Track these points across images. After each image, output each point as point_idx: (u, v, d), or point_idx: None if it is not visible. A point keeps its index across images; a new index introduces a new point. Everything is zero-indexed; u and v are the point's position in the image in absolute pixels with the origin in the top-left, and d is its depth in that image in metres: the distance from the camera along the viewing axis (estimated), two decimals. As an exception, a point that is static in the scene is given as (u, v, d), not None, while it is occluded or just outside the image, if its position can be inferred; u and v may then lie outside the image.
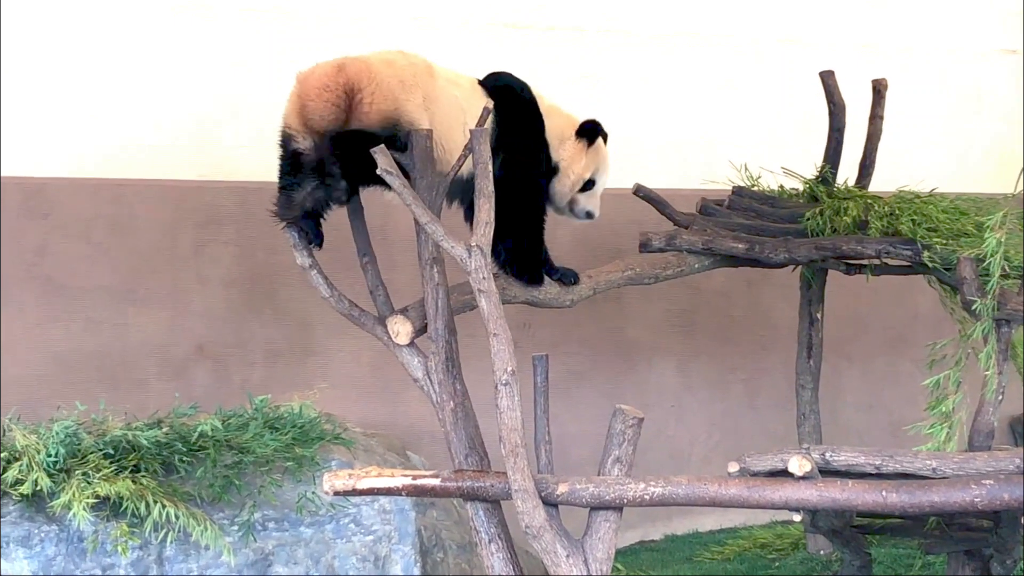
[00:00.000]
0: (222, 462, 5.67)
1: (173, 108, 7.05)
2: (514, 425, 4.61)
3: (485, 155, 4.74)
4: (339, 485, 4.79)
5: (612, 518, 4.71)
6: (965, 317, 5.59)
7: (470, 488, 4.80)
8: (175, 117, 7.04)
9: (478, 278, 4.65)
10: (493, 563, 4.85)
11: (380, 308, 5.20)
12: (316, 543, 5.78)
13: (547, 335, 7.21)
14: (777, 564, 6.95)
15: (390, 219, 6.33)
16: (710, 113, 8.14)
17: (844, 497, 4.52)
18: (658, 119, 8.04)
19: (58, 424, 5.54)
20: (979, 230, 5.68)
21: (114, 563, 5.54)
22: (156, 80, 7.02)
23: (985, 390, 5.24)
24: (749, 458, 4.71)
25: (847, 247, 6.09)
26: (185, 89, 7.07)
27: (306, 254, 5.21)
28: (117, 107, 6.96)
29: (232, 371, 7.03)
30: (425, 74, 5.24)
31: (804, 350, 6.91)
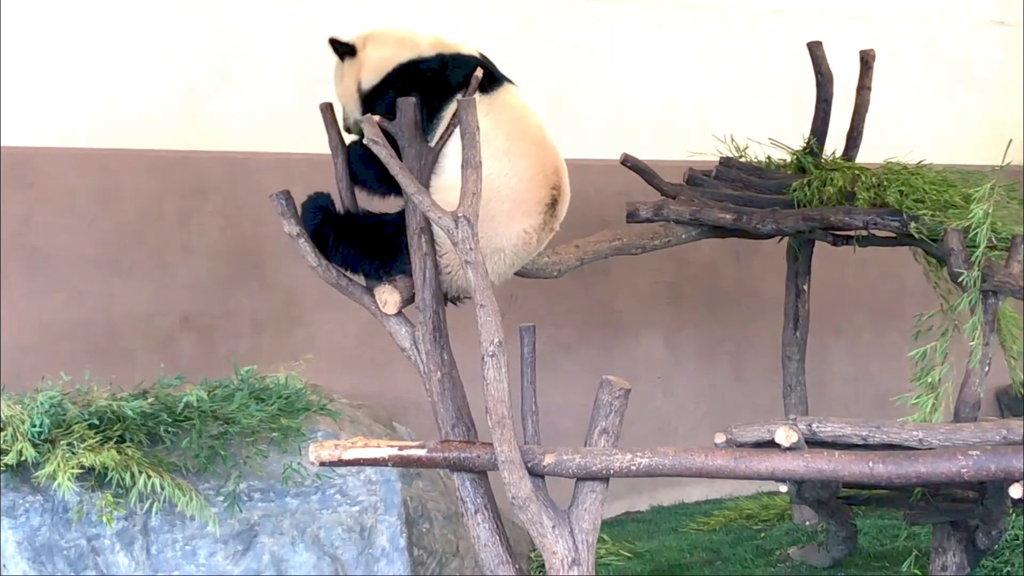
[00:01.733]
0: (207, 433, 5.65)
1: (160, 78, 7.01)
2: (501, 396, 4.60)
3: (472, 124, 4.71)
4: (325, 456, 4.78)
5: (598, 489, 4.70)
6: (951, 288, 5.59)
7: (456, 459, 4.80)
8: (162, 87, 7.01)
9: (465, 248, 4.63)
10: (479, 533, 4.85)
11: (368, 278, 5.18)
12: (302, 514, 5.78)
13: (534, 307, 7.20)
14: (763, 535, 6.97)
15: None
16: (698, 83, 8.12)
17: (831, 468, 4.52)
18: (646, 89, 8.03)
19: (43, 394, 5.52)
20: (966, 201, 5.68)
21: (99, 533, 5.54)
22: (143, 49, 6.98)
23: (971, 361, 5.24)
24: (736, 429, 4.71)
25: (834, 218, 6.08)
26: (172, 59, 7.03)
27: (293, 222, 5.18)
28: (103, 76, 6.92)
29: (218, 342, 7.02)
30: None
31: (791, 322, 6.91)
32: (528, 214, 5.07)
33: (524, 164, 5.08)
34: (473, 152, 4.71)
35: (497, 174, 4.99)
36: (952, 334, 5.36)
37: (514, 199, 5.02)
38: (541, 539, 4.67)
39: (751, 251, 7.63)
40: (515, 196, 5.03)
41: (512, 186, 5.02)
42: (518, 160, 5.07)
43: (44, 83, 6.83)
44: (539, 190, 5.09)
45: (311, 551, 5.77)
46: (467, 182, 4.69)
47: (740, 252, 7.79)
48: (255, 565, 5.70)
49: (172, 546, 5.62)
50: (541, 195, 5.08)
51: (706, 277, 7.99)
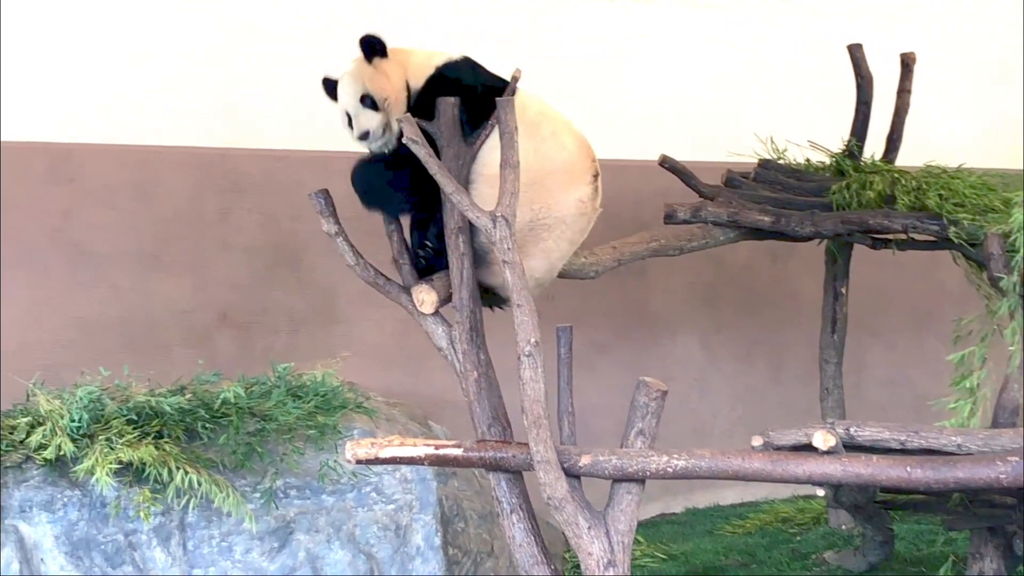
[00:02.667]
0: (245, 429, 5.67)
1: (199, 75, 7.04)
2: (537, 396, 4.59)
3: (511, 124, 4.71)
4: (361, 454, 4.79)
5: (634, 490, 4.70)
6: (991, 293, 5.56)
7: (492, 458, 4.79)
8: (201, 84, 7.04)
9: (503, 248, 4.63)
10: (514, 533, 4.85)
11: (405, 277, 5.18)
12: (337, 511, 5.79)
13: (571, 307, 7.19)
14: (799, 538, 6.94)
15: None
16: (737, 84, 8.10)
17: (868, 472, 4.50)
18: (684, 90, 8.01)
19: (82, 389, 5.56)
20: (1006, 206, 5.66)
21: (136, 528, 5.56)
22: (183, 46, 7.01)
23: (1010, 366, 5.21)
24: (773, 432, 4.69)
25: (873, 221, 6.06)
26: (211, 56, 7.06)
27: (332, 220, 5.19)
28: (144, 73, 6.95)
29: (255, 339, 7.04)
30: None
31: (828, 324, 6.89)
32: (580, 183, 5.19)
33: (569, 139, 5.21)
34: (511, 152, 4.71)
35: (548, 151, 5.06)
36: (991, 338, 5.33)
37: (566, 170, 5.13)
38: (577, 540, 4.67)
39: (788, 253, 7.61)
40: (566, 167, 5.14)
41: (563, 159, 5.14)
42: (563, 137, 5.19)
43: (84, 79, 6.87)
44: (585, 161, 5.22)
45: (346, 549, 5.79)
46: (505, 181, 4.69)
47: (777, 254, 7.77)
48: (291, 562, 5.71)
49: (208, 542, 5.64)
50: (587, 165, 5.23)
51: (743, 279, 7.97)
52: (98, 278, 6.82)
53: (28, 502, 5.48)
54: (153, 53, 6.96)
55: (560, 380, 4.81)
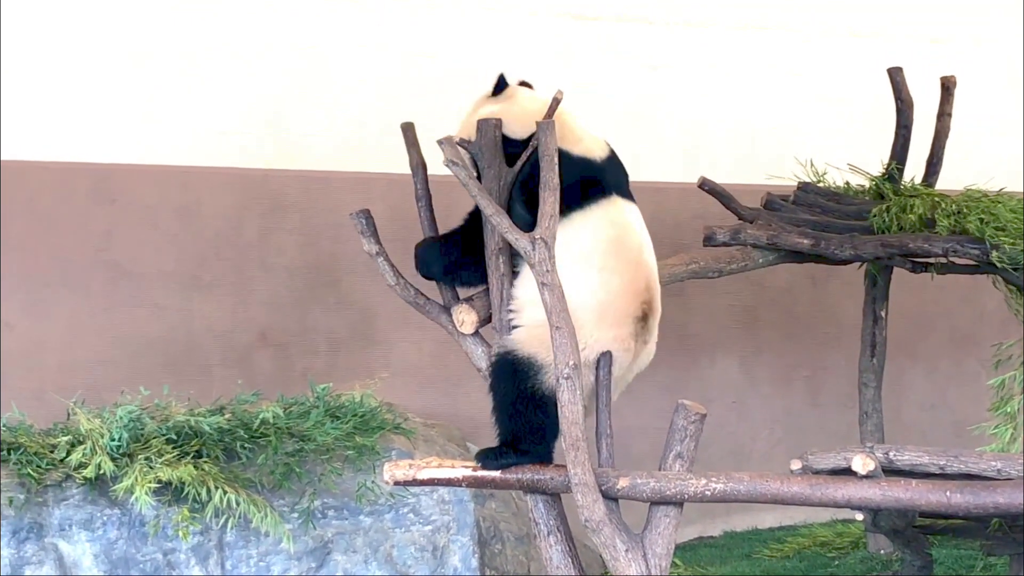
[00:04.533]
0: (283, 449, 5.70)
1: (241, 95, 7.08)
2: (575, 419, 4.58)
3: (551, 147, 4.72)
4: (399, 475, 4.79)
5: (672, 513, 4.68)
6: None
7: (530, 480, 4.79)
8: (243, 105, 7.08)
9: (542, 271, 4.62)
10: (551, 555, 4.84)
11: (445, 297, 5.18)
12: (375, 532, 5.80)
13: (609, 328, 7.17)
14: (837, 563, 6.91)
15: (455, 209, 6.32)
16: (777, 107, 8.09)
17: (908, 497, 4.47)
18: (724, 112, 8.01)
19: (122, 409, 5.59)
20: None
21: (175, 547, 5.59)
22: (224, 67, 7.06)
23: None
24: (812, 456, 4.68)
25: (914, 245, 6.04)
26: (253, 76, 7.10)
27: (373, 241, 5.19)
28: (185, 94, 7.00)
29: (294, 359, 7.06)
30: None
31: (868, 348, 6.87)
32: (616, 324, 4.91)
33: (616, 280, 4.93)
34: (551, 175, 4.71)
35: (586, 287, 4.90)
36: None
37: (599, 311, 4.91)
38: (614, 562, 4.66)
39: (828, 276, 7.58)
40: (600, 308, 4.92)
41: (599, 299, 4.91)
42: (611, 276, 4.96)
43: (127, 100, 6.92)
44: (628, 304, 4.93)
45: (384, 569, 5.79)
46: (545, 204, 4.69)
47: (817, 277, 7.74)
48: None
49: (247, 561, 5.66)
50: (631, 309, 4.93)
51: (782, 301, 7.95)
52: (139, 298, 6.86)
53: (68, 520, 5.51)
54: (196, 73, 7.01)
55: (599, 402, 4.80)
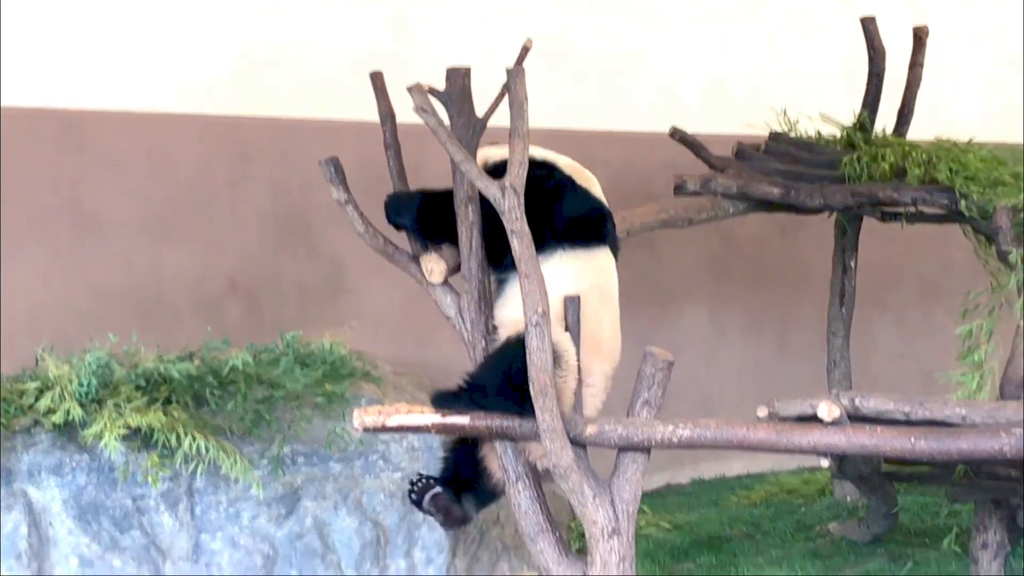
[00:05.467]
0: (253, 397, 5.70)
1: (210, 42, 7.04)
2: (543, 365, 4.59)
3: (520, 95, 4.71)
4: (369, 421, 4.80)
5: (640, 460, 4.71)
6: (1000, 267, 5.57)
7: (499, 427, 4.80)
8: (211, 51, 7.04)
9: (511, 218, 4.62)
10: (520, 502, 4.87)
11: (414, 246, 5.19)
12: (345, 479, 5.82)
13: (579, 278, 7.19)
14: (803, 509, 6.97)
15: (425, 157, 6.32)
16: (749, 57, 8.08)
17: (872, 443, 4.51)
18: (697, 62, 7.99)
19: (91, 355, 5.58)
20: (1016, 180, 5.66)
21: (144, 493, 5.60)
22: (194, 14, 7.01)
23: (1017, 340, 5.21)
24: (778, 403, 4.70)
25: (883, 194, 6.06)
26: (222, 23, 7.06)
27: (342, 189, 5.18)
28: (155, 41, 6.96)
29: (264, 307, 7.06)
30: None
31: (836, 297, 6.91)
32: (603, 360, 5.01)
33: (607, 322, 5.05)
34: (520, 122, 4.70)
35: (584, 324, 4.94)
36: (999, 313, 5.33)
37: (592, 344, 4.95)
38: (582, 508, 4.68)
39: (797, 226, 7.60)
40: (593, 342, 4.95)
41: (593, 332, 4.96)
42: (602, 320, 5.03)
43: (95, 46, 6.87)
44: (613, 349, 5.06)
45: (353, 516, 5.81)
46: (514, 151, 4.69)
47: (786, 227, 7.76)
48: (298, 528, 5.75)
49: (216, 508, 5.68)
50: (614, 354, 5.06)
51: (752, 252, 7.97)
52: (107, 246, 6.83)
53: (37, 466, 5.52)
54: (164, 20, 6.97)
55: (573, 346, 4.81)
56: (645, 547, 6.40)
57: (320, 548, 5.79)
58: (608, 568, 4.69)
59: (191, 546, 5.65)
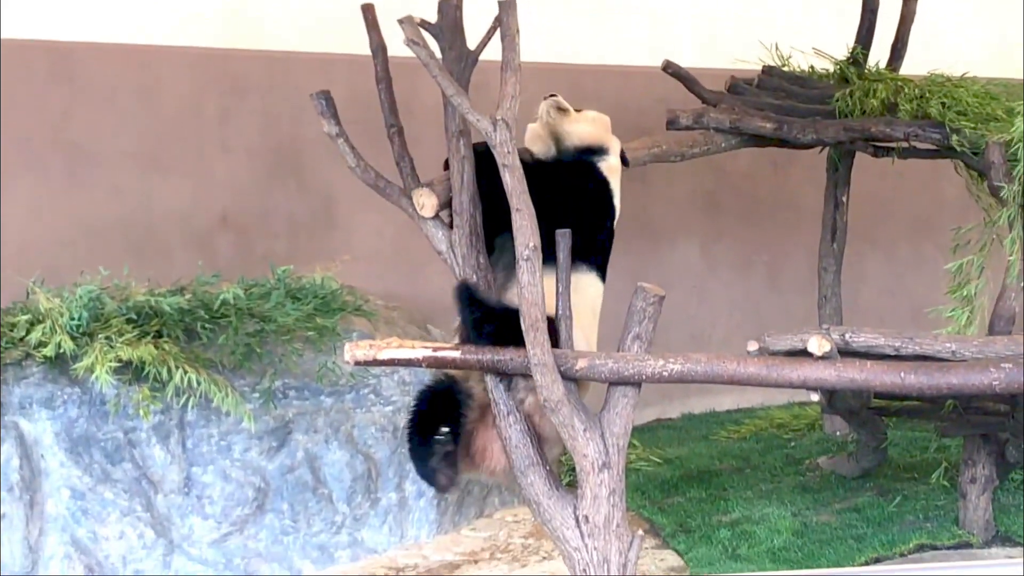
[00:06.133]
0: (244, 330, 5.71)
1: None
2: (535, 299, 4.60)
3: (512, 27, 4.68)
4: (360, 355, 4.80)
5: (630, 394, 4.72)
6: (991, 202, 5.56)
7: (490, 361, 4.81)
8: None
9: (502, 152, 4.61)
10: (510, 435, 4.88)
11: (406, 180, 5.16)
12: (336, 412, 5.84)
13: (571, 213, 7.17)
14: (793, 444, 6.99)
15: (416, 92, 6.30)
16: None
17: (862, 377, 4.52)
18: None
19: (81, 288, 5.58)
20: (1008, 115, 5.64)
21: (136, 426, 5.61)
22: (184, -54, 6.97)
23: (1008, 275, 5.22)
24: (768, 337, 4.71)
25: (876, 129, 6.05)
26: (213, -44, 7.02)
27: (333, 122, 5.15)
28: (144, -28, 6.92)
29: (255, 241, 7.05)
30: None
31: (828, 233, 6.91)
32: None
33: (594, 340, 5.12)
34: (512, 55, 4.68)
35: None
36: (990, 248, 5.33)
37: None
38: (572, 442, 4.70)
39: (789, 161, 7.59)
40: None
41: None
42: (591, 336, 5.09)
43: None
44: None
45: (344, 449, 5.84)
46: (506, 84, 4.67)
47: (779, 162, 7.75)
48: (289, 461, 5.77)
49: (207, 441, 5.70)
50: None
51: (744, 187, 7.95)
52: (98, 179, 6.82)
53: (28, 399, 5.53)
54: (154, -48, 6.93)
55: (558, 285, 4.81)
56: (635, 481, 6.43)
57: (311, 481, 5.81)
58: (598, 501, 4.71)
59: (182, 479, 5.67)
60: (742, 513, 6.10)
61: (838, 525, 5.91)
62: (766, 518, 6.00)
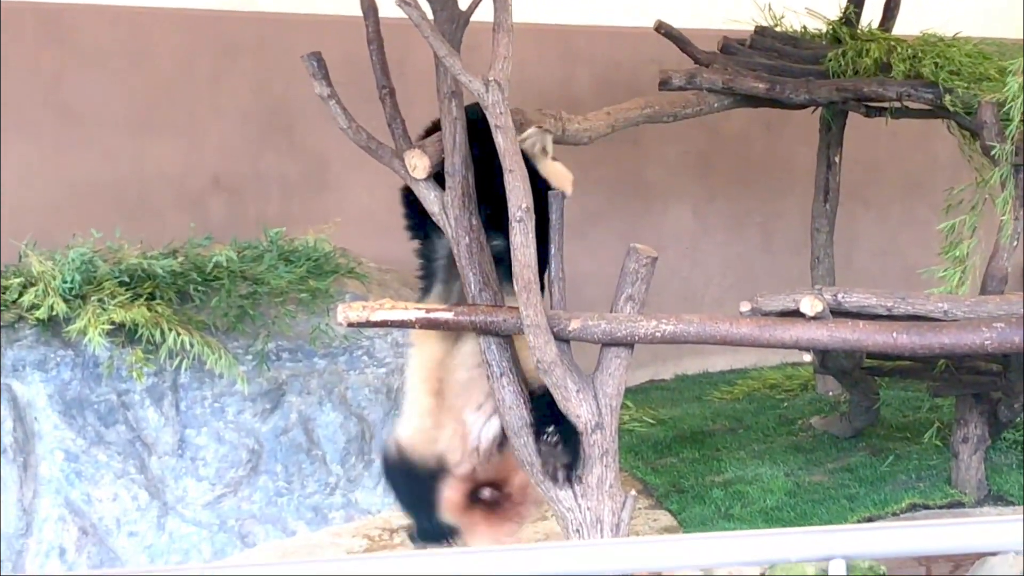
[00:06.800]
0: (237, 293, 5.71)
1: (191, -65, 6.96)
2: (527, 261, 4.60)
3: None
4: (353, 316, 4.80)
5: (623, 355, 4.73)
6: (984, 162, 5.56)
7: (483, 322, 4.82)
8: (193, -56, 6.96)
9: (495, 113, 4.60)
10: (504, 396, 4.88)
11: (398, 142, 5.15)
12: (329, 374, 5.84)
13: (563, 174, 7.16)
14: (786, 404, 7.01)
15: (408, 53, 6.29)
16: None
17: (855, 337, 4.53)
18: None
19: (74, 251, 5.58)
20: (1001, 75, 5.62)
21: (129, 388, 5.61)
22: (174, -95, 6.93)
23: (1000, 235, 5.23)
24: (761, 298, 4.72)
25: (868, 89, 6.05)
26: (204, -86, 6.98)
27: (325, 83, 5.13)
28: (134, -67, 6.88)
29: (247, 203, 7.04)
30: None
31: (821, 194, 6.91)
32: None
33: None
34: (504, 16, 4.67)
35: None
36: (982, 208, 5.34)
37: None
38: (565, 403, 4.71)
39: (782, 122, 7.58)
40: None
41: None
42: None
43: (75, -61, 6.79)
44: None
45: (338, 411, 5.85)
46: (499, 46, 4.66)
47: (771, 123, 7.74)
48: (283, 423, 5.78)
49: (201, 403, 5.70)
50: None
51: (737, 148, 7.95)
52: (90, 141, 6.80)
53: (21, 361, 5.53)
54: (144, -88, 6.88)
55: (551, 246, 4.81)
56: (628, 442, 6.45)
57: (305, 443, 5.83)
58: (591, 462, 4.73)
59: (176, 441, 5.68)
60: (735, 473, 6.12)
61: (831, 485, 5.94)
62: (759, 478, 6.03)
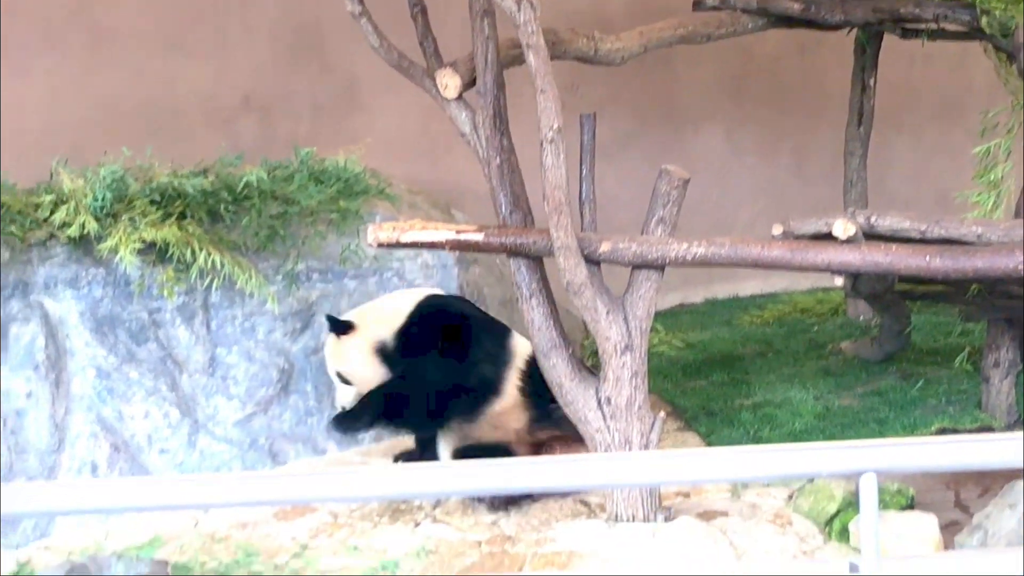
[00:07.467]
0: (267, 212, 5.71)
1: None
2: (558, 182, 4.58)
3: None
4: (383, 237, 4.80)
5: (654, 277, 4.72)
6: (1019, 85, 5.50)
7: (513, 244, 4.81)
8: None
9: (527, 32, 4.57)
10: (533, 318, 4.89)
11: (429, 60, 5.12)
12: (359, 295, 5.84)
13: (595, 96, 7.13)
14: (816, 328, 7.00)
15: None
16: None
17: (887, 260, 4.50)
18: None
19: (105, 169, 5.57)
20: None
21: (160, 307, 5.63)
22: None
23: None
24: (793, 221, 4.69)
25: (905, 9, 5.99)
26: None
27: (356, 1, 5.10)
28: None
29: (278, 123, 7.03)
30: None
31: (855, 117, 6.86)
32: None
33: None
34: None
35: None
36: (1018, 132, 5.29)
37: None
38: (595, 325, 4.71)
39: (817, 44, 7.50)
40: None
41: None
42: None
43: None
44: None
45: (368, 331, 5.85)
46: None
47: (806, 45, 7.66)
48: (313, 343, 5.79)
49: (232, 322, 5.71)
50: None
51: (770, 70, 7.88)
52: (120, 60, 6.78)
53: (53, 279, 5.54)
54: None
55: (583, 168, 4.80)
56: (658, 364, 6.44)
57: (335, 363, 5.84)
58: (620, 383, 4.73)
59: (207, 359, 5.70)
60: (764, 397, 6.12)
61: (860, 409, 5.93)
62: (788, 401, 6.02)
